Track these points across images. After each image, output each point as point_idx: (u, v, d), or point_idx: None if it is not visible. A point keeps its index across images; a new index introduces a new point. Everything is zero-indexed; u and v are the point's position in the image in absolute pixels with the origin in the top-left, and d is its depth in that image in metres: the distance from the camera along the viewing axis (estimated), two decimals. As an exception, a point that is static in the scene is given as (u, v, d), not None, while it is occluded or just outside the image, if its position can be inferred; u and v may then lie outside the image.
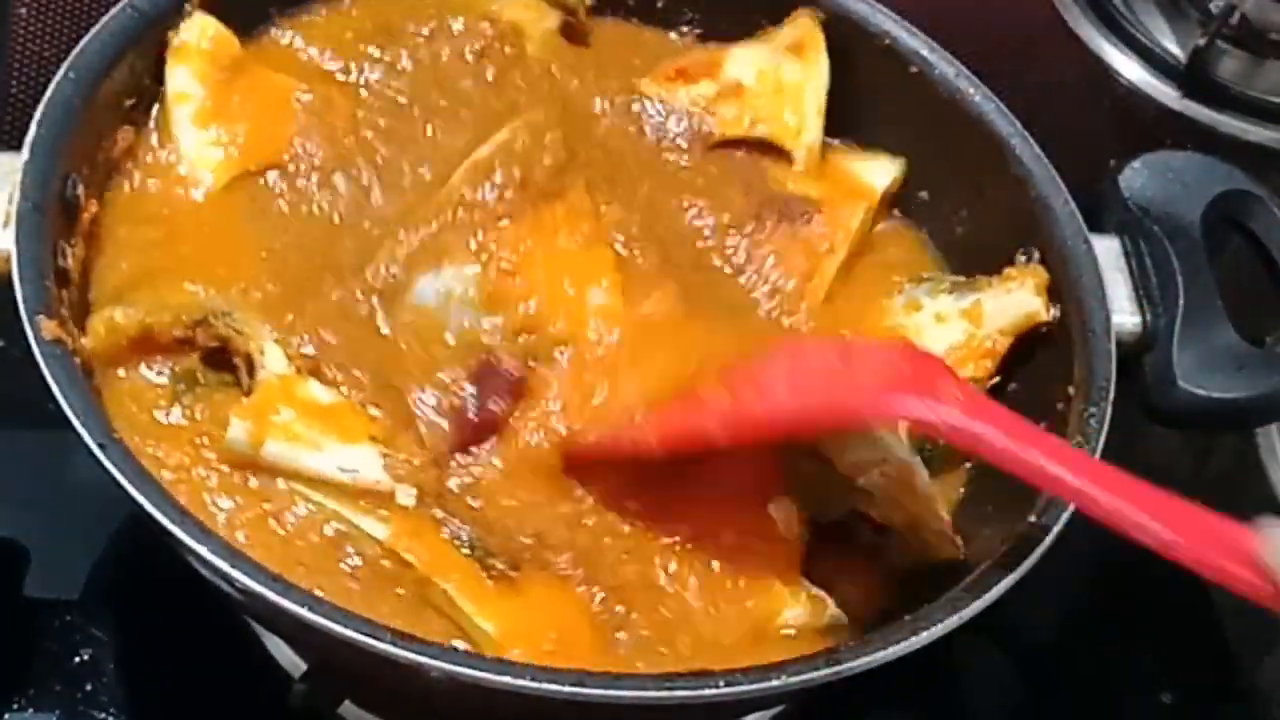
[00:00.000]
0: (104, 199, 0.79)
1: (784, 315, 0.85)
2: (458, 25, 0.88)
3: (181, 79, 0.82)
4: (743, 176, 0.90)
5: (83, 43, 0.78)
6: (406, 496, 0.72)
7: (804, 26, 0.94)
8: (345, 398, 0.74)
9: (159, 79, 0.83)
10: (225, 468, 0.73)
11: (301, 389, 0.73)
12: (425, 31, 0.87)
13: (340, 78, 0.86)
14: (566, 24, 0.94)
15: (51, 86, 0.76)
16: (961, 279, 0.88)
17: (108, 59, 0.78)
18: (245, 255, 0.79)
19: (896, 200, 0.94)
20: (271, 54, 0.87)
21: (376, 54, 0.87)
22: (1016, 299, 0.83)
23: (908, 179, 0.93)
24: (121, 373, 0.74)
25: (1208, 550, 0.63)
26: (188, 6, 0.83)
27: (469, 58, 0.87)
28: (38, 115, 0.74)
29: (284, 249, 0.80)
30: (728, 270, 0.86)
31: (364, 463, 0.72)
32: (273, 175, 0.82)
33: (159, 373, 0.75)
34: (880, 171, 0.92)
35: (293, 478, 0.72)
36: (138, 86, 0.82)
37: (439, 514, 0.72)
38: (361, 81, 0.86)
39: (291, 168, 0.82)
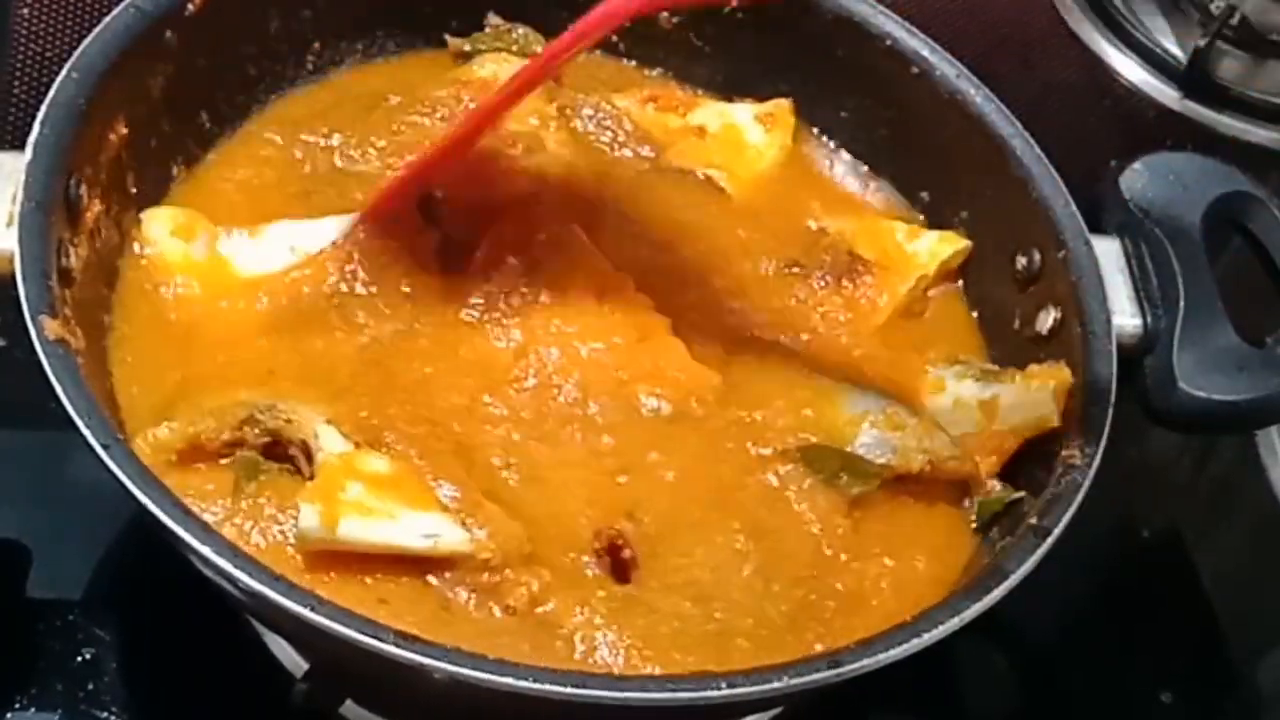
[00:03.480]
0: (113, 295, 0.78)
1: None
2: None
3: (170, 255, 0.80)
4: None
5: (85, 43, 0.78)
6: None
7: (781, 107, 0.96)
8: (406, 464, 0.73)
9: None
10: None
11: (363, 462, 0.72)
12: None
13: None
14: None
15: (54, 87, 0.76)
16: (992, 368, 0.86)
17: (110, 59, 0.78)
18: (278, 354, 0.78)
19: (960, 271, 0.93)
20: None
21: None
22: (1034, 399, 0.82)
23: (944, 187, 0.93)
24: (178, 476, 0.72)
25: None
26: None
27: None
28: (41, 115, 0.74)
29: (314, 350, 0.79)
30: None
31: (443, 527, 0.71)
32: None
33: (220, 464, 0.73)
34: (945, 245, 0.91)
35: (371, 552, 0.70)
36: (140, 87, 0.82)
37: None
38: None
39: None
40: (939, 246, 0.91)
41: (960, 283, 0.92)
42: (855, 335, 0.87)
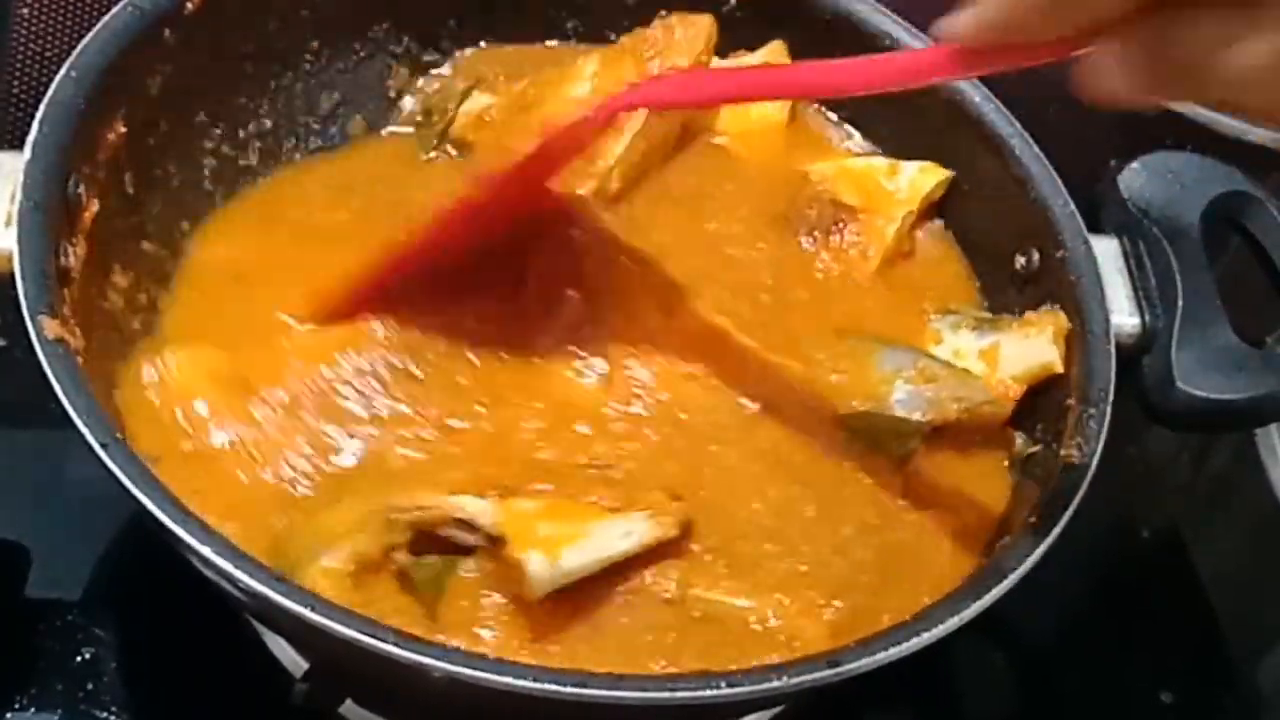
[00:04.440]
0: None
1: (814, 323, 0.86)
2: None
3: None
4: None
5: (84, 42, 0.78)
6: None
7: (775, 53, 0.96)
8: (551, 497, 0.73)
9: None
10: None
11: (524, 507, 0.72)
12: None
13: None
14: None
15: (53, 86, 0.76)
16: (987, 316, 0.87)
17: (109, 58, 0.78)
18: None
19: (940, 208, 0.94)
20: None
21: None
22: (1034, 346, 0.83)
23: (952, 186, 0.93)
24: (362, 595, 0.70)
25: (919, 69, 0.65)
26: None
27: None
28: (39, 115, 0.74)
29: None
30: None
31: (630, 523, 0.72)
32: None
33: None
34: (926, 176, 0.92)
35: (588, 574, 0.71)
36: (139, 87, 0.82)
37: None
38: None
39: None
40: (920, 178, 0.91)
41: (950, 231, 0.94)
42: (854, 287, 0.88)
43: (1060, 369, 0.82)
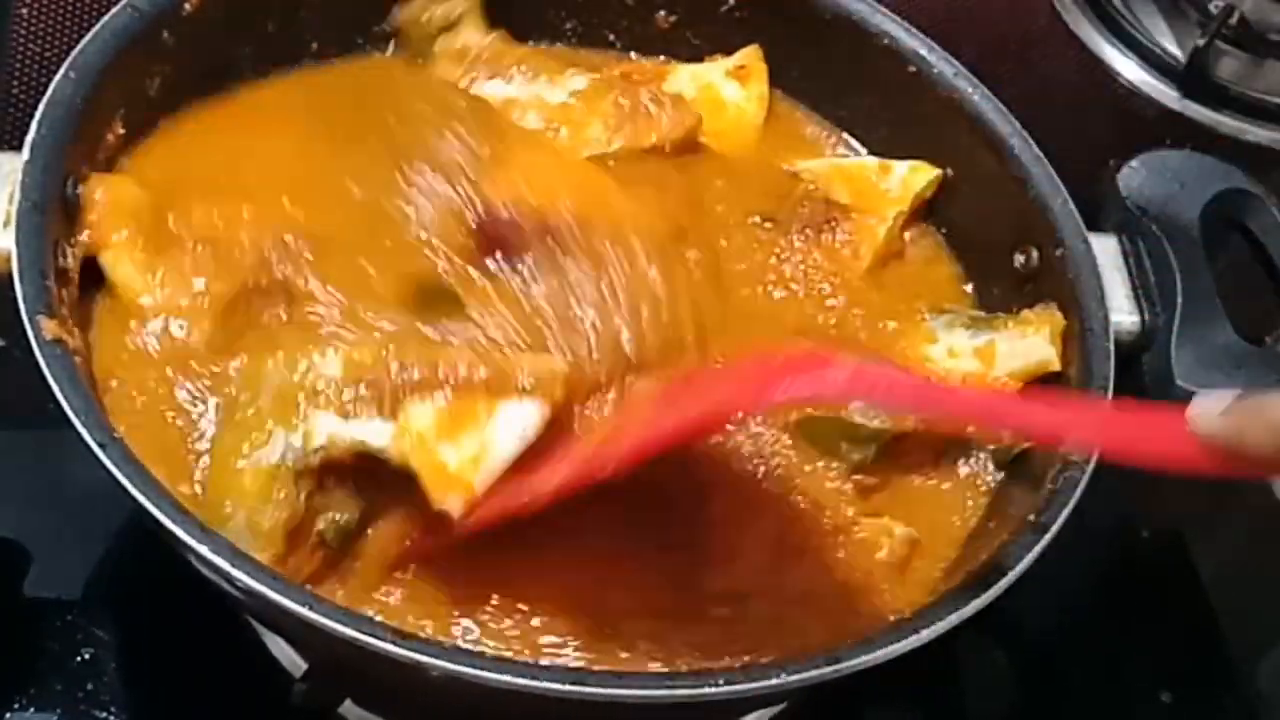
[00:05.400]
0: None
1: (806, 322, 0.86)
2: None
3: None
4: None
5: (83, 43, 0.78)
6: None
7: (750, 56, 0.96)
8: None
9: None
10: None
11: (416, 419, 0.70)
12: None
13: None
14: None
15: (52, 87, 0.76)
16: (981, 315, 0.87)
17: (108, 59, 0.78)
18: None
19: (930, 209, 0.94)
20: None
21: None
22: (1031, 344, 0.82)
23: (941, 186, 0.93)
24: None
25: (1143, 442, 0.64)
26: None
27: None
28: (38, 115, 0.75)
29: None
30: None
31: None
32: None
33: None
34: (918, 175, 0.92)
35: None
36: (137, 87, 0.82)
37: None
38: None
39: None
40: (912, 177, 0.91)
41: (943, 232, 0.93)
42: (842, 287, 0.87)
43: (1058, 366, 0.81)
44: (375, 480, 0.70)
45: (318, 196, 0.81)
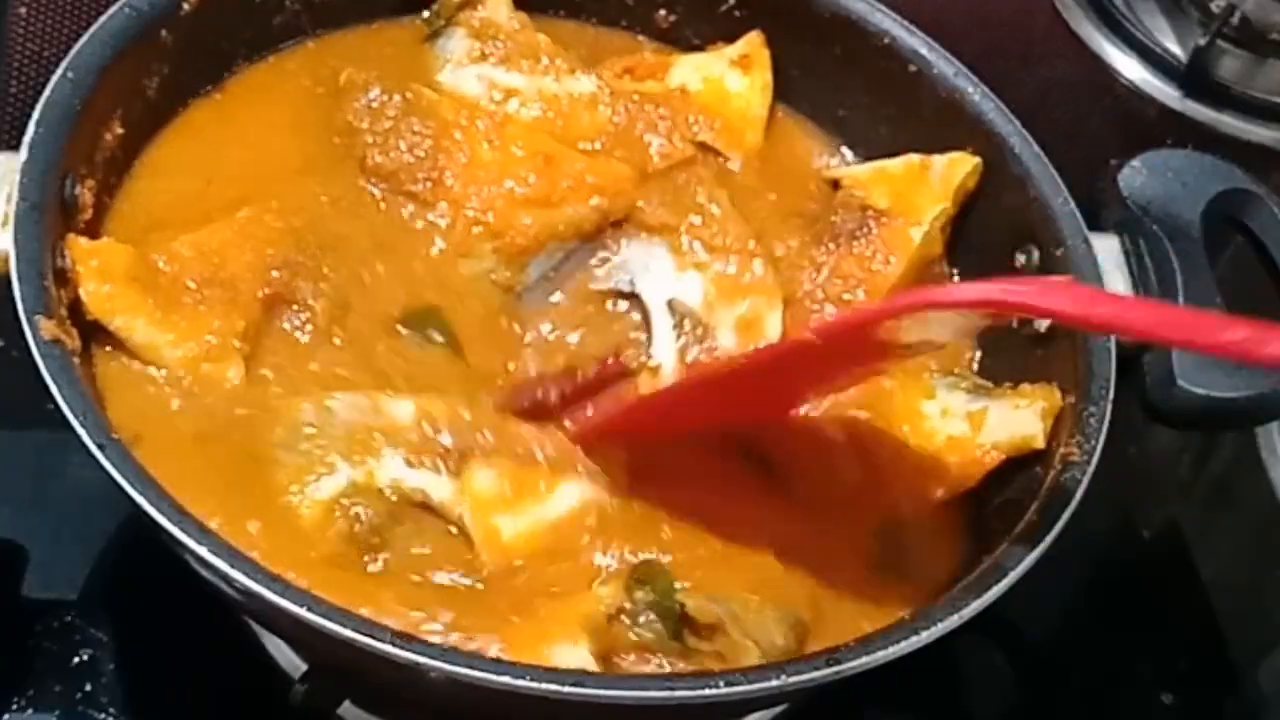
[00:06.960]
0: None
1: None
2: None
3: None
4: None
5: (81, 42, 0.78)
6: None
7: (752, 44, 0.96)
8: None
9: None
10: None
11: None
12: None
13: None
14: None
15: (50, 86, 0.76)
16: (985, 384, 0.85)
17: (106, 59, 0.78)
18: None
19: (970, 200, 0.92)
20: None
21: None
22: (1020, 418, 0.81)
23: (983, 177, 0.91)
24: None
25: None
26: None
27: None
28: (36, 115, 0.74)
29: None
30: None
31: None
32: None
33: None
34: (956, 168, 0.90)
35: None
36: (136, 87, 0.82)
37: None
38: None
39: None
40: (951, 170, 0.90)
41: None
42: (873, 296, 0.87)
43: (1041, 445, 0.79)
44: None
45: (306, 199, 0.83)
